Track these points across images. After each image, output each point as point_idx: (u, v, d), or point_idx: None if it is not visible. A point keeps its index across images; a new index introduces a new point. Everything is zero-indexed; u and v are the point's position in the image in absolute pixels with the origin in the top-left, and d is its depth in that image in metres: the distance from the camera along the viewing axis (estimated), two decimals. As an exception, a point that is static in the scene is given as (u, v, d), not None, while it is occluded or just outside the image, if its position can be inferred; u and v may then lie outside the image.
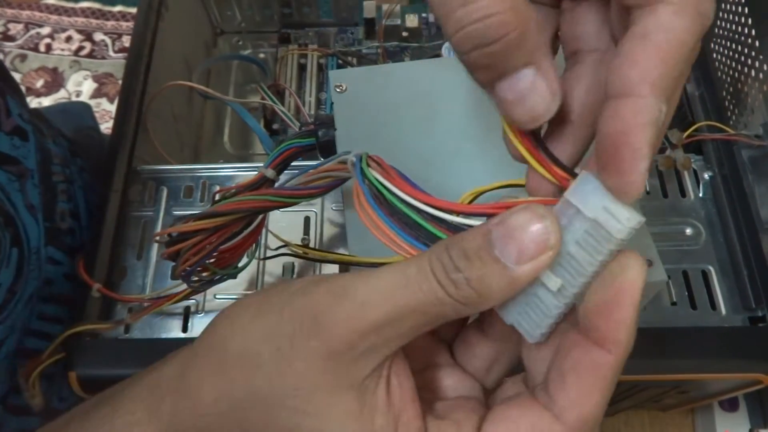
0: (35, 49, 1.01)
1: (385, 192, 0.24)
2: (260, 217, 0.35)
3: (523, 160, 0.22)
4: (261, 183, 0.33)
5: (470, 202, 0.29)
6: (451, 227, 0.22)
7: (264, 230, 0.45)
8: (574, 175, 0.21)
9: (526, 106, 0.20)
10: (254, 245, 0.38)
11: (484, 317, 0.25)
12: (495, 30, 0.18)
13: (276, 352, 0.21)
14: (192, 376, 0.23)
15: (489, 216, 0.21)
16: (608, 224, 0.19)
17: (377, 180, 0.25)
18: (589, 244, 0.19)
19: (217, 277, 0.36)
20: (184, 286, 0.37)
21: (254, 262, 0.44)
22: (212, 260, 0.35)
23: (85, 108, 0.69)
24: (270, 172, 0.33)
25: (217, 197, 0.33)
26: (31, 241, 0.38)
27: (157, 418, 0.24)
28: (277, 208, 0.32)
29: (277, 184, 0.33)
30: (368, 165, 0.26)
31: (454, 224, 0.22)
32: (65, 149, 0.47)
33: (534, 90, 0.20)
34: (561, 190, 0.21)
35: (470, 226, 0.21)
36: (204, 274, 0.35)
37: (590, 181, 0.20)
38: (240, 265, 0.37)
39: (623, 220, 0.19)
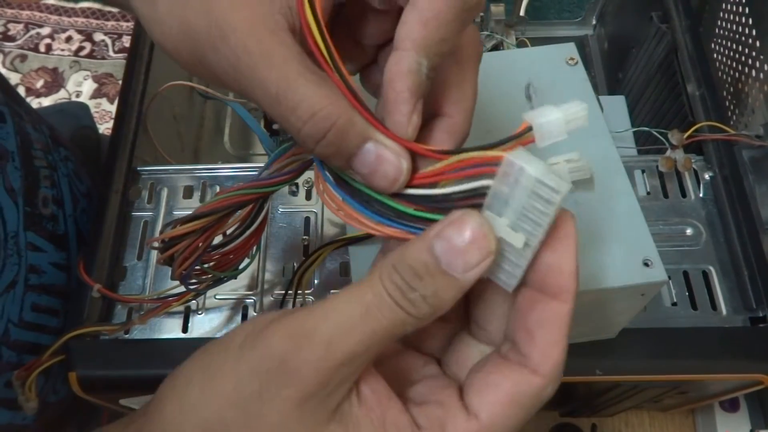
0: (35, 49, 1.01)
1: (344, 175, 0.24)
2: (261, 217, 0.35)
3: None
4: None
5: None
6: (412, 199, 0.23)
7: (265, 231, 0.45)
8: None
9: (380, 175, 0.23)
10: (255, 246, 0.38)
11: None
12: (324, 123, 0.22)
13: (243, 412, 0.21)
14: None
15: (439, 175, 0.22)
16: (554, 182, 0.20)
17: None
18: (540, 198, 0.20)
19: (221, 277, 0.36)
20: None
21: (255, 262, 0.44)
22: (213, 263, 0.35)
23: (83, 108, 0.70)
24: None
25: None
26: (8, 225, 0.38)
27: None
28: (257, 199, 0.32)
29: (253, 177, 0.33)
30: None
31: (414, 196, 0.23)
32: (47, 136, 0.46)
33: (380, 159, 0.22)
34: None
35: (429, 197, 0.22)
36: (205, 276, 0.35)
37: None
38: (241, 267, 0.37)
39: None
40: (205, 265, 0.34)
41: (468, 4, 0.22)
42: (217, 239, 0.35)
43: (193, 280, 0.35)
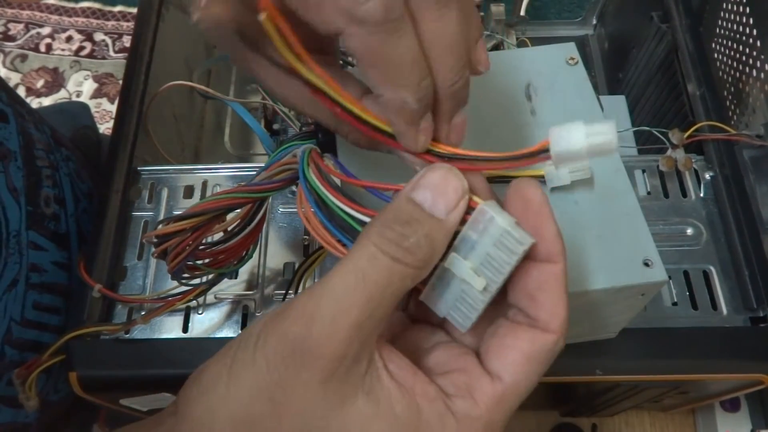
0: (35, 49, 1.01)
1: (325, 198, 0.25)
2: (259, 217, 0.35)
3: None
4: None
5: None
6: None
7: (264, 229, 0.45)
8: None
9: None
10: (253, 245, 0.38)
11: None
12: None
13: (269, 402, 0.21)
14: None
15: None
16: (519, 234, 0.21)
17: (317, 185, 0.26)
18: (504, 247, 0.21)
19: (225, 271, 0.37)
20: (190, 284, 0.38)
21: (254, 261, 0.44)
22: (209, 260, 0.35)
23: (83, 108, 0.70)
24: None
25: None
26: (10, 224, 0.38)
27: None
28: (247, 203, 0.33)
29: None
30: (308, 165, 0.26)
31: None
32: (48, 136, 0.47)
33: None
34: None
35: None
36: (198, 272, 0.36)
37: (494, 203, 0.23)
38: (238, 264, 0.38)
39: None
40: (198, 262, 0.35)
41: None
42: (218, 236, 0.35)
43: (186, 275, 0.36)
